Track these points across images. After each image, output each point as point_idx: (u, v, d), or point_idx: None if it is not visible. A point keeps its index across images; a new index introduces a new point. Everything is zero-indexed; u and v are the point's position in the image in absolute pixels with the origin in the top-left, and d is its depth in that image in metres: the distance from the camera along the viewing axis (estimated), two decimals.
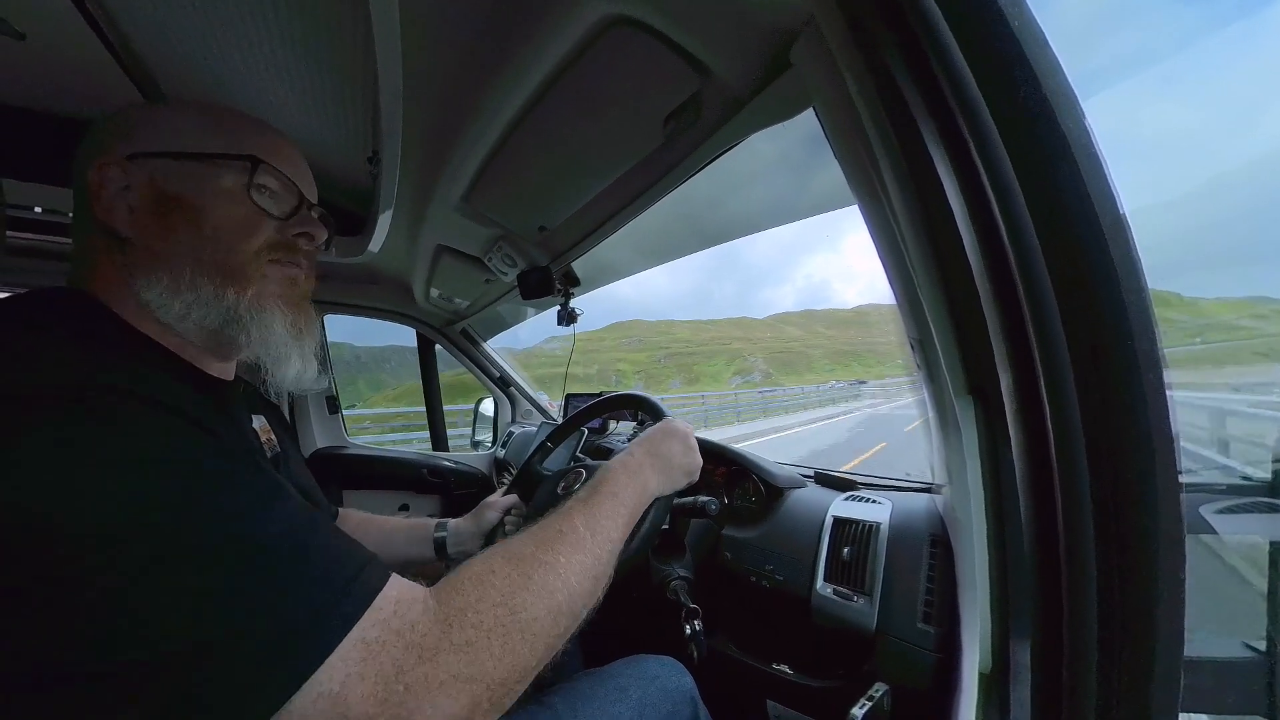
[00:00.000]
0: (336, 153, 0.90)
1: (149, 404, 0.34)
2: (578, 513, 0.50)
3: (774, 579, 0.88)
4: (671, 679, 0.69)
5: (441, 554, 0.86)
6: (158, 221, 0.46)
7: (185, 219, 0.46)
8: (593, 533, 0.48)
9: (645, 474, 0.60)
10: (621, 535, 0.52)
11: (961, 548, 0.62)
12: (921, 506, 0.82)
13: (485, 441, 2.06)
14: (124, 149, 0.45)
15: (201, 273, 0.46)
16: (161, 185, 0.46)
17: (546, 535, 0.46)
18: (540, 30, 0.61)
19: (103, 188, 0.44)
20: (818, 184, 0.93)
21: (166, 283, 0.45)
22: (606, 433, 1.61)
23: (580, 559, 0.45)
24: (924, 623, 0.68)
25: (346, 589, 0.33)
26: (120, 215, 0.45)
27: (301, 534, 0.35)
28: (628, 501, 0.55)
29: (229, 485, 0.34)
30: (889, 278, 0.56)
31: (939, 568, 0.70)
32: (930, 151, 0.42)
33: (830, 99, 0.52)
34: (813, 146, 0.76)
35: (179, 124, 0.48)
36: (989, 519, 0.52)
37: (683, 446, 0.66)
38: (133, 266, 0.45)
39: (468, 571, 0.40)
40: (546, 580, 0.41)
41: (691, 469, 0.66)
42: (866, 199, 0.54)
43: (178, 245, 0.46)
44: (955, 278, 0.47)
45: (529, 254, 1.26)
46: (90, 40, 0.61)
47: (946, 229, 0.44)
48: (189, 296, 0.46)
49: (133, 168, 0.45)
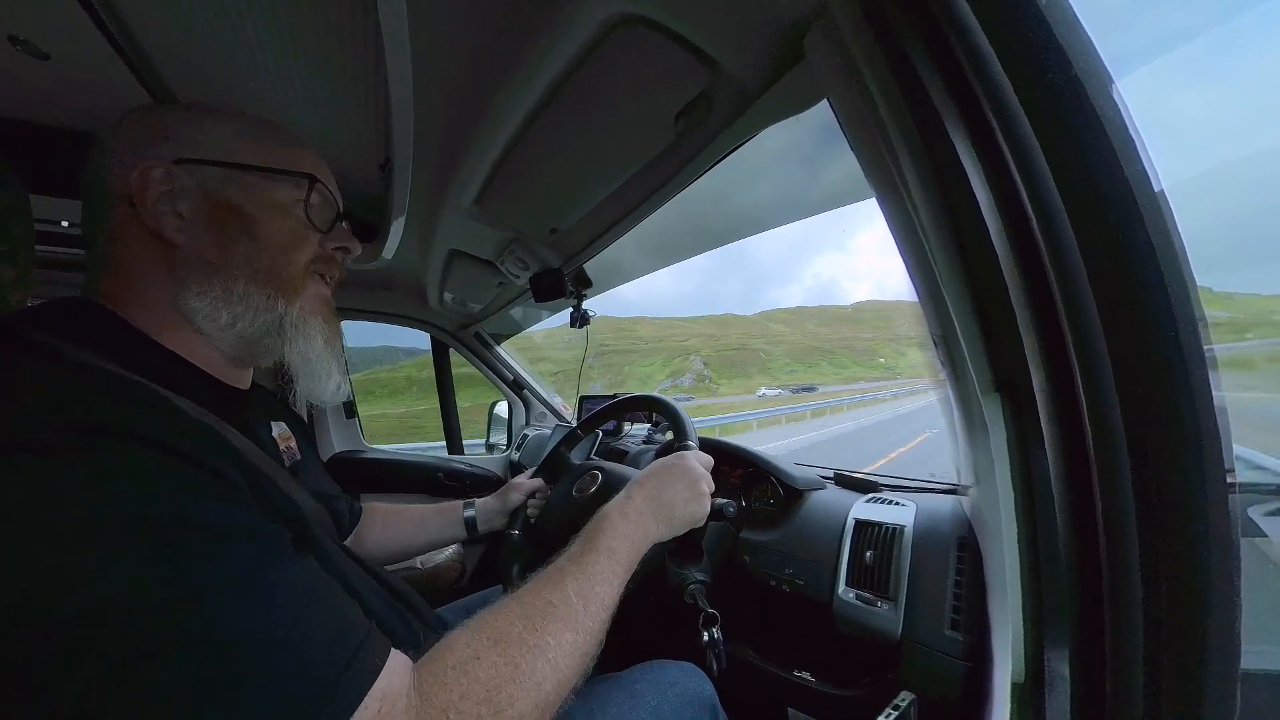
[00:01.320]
0: (350, 160, 0.92)
1: (142, 443, 0.31)
2: (570, 577, 0.46)
3: (794, 583, 0.86)
4: (691, 685, 0.68)
5: (472, 531, 0.91)
6: (213, 230, 0.46)
7: (242, 229, 0.46)
8: (585, 602, 0.45)
9: (645, 524, 0.56)
10: (615, 598, 0.48)
11: (991, 551, 0.59)
12: (947, 509, 0.79)
13: (500, 444, 2.07)
14: (167, 153, 0.45)
15: (255, 282, 0.47)
16: (215, 193, 0.46)
17: (536, 609, 0.42)
18: (548, 31, 0.60)
19: (148, 189, 0.43)
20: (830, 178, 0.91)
21: (219, 292, 0.46)
22: (621, 435, 1.61)
23: (571, 638, 0.42)
24: (952, 629, 0.65)
25: (334, 688, 0.31)
26: (169, 221, 0.44)
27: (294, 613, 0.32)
28: (624, 559, 0.51)
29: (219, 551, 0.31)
30: (909, 271, 0.54)
31: (967, 572, 0.67)
32: (952, 139, 0.41)
33: (845, 90, 0.50)
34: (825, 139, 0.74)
35: (226, 132, 0.48)
36: (1020, 521, 0.50)
37: (688, 493, 0.61)
38: (182, 274, 0.45)
39: (452, 655, 0.37)
40: (535, 668, 0.38)
41: (696, 518, 0.62)
42: (884, 191, 0.52)
43: (234, 255, 0.46)
44: (981, 270, 0.45)
45: (541, 256, 1.26)
46: (109, 56, 0.63)
47: (971, 219, 0.42)
48: (239, 306, 0.46)
49: (180, 173, 0.45)
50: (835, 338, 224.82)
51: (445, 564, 1.44)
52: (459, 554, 1.51)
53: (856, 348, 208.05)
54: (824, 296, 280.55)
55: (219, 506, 0.33)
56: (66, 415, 0.30)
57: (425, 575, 1.38)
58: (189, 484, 0.32)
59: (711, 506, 0.66)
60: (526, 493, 0.93)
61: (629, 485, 0.62)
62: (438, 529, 0.91)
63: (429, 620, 0.65)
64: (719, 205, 1.02)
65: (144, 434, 0.31)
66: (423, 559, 1.39)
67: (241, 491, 0.37)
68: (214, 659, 0.28)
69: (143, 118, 0.47)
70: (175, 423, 0.36)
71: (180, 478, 0.32)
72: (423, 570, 1.38)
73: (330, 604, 0.36)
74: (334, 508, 0.68)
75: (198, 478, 0.33)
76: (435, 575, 1.40)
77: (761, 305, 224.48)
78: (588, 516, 0.56)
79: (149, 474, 0.31)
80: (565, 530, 0.79)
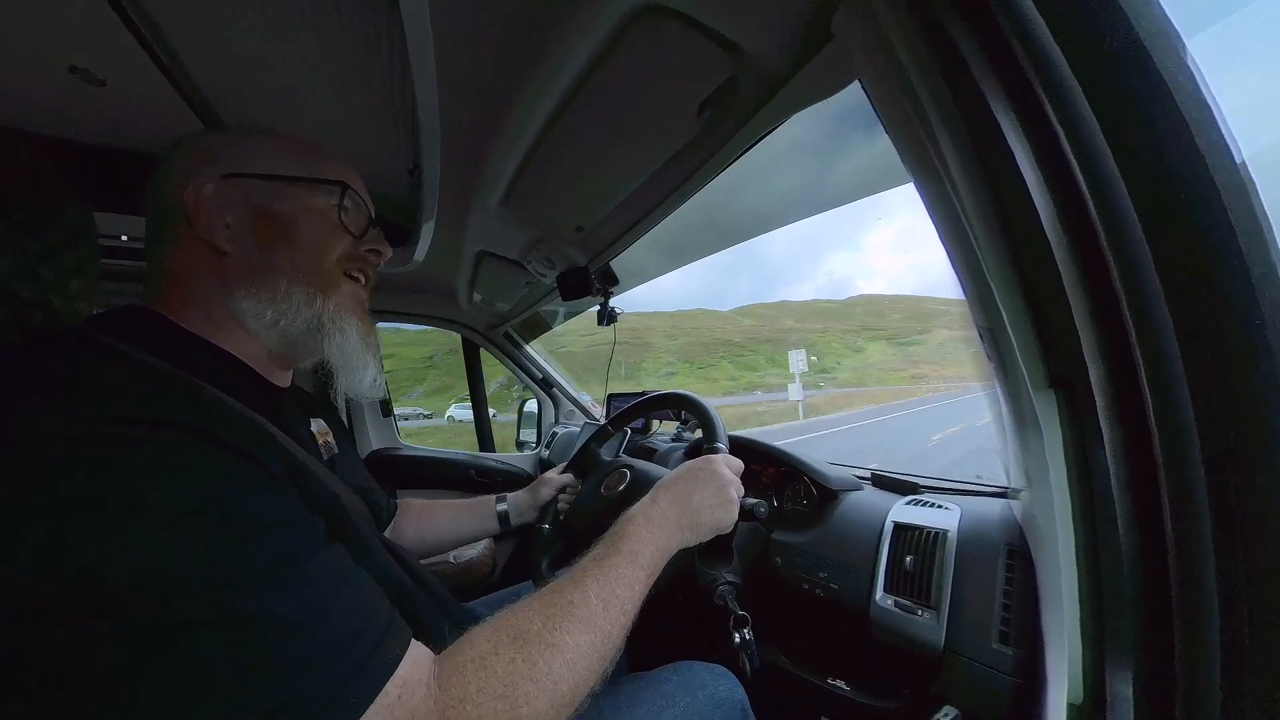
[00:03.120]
0: (380, 168, 0.94)
1: (194, 435, 0.33)
2: (592, 579, 0.46)
3: (828, 587, 0.83)
4: (721, 688, 0.67)
5: (505, 524, 0.94)
6: (256, 237, 0.49)
7: (282, 234, 0.50)
8: (605, 605, 0.45)
9: (670, 530, 0.56)
10: (637, 603, 0.48)
11: (1044, 560, 0.55)
12: (995, 513, 0.75)
13: (530, 442, 2.10)
14: (215, 170, 0.49)
15: (296, 282, 0.51)
16: (259, 204, 0.50)
17: (556, 607, 0.43)
18: (568, 29, 0.60)
19: (200, 204, 0.47)
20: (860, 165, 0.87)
21: (264, 293, 0.49)
22: (649, 433, 1.60)
23: (589, 639, 0.42)
24: (1000, 643, 0.61)
25: (359, 671, 0.32)
26: (220, 232, 0.48)
27: (324, 601, 0.33)
28: (647, 565, 0.51)
29: (260, 540, 0.33)
30: (951, 261, 0.51)
31: (1017, 582, 0.63)
32: (997, 116, 0.38)
33: (878, 70, 0.48)
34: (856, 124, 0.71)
35: (266, 149, 0.52)
36: (1077, 528, 0.47)
37: (716, 499, 0.60)
38: (232, 279, 0.49)
39: (472, 649, 0.38)
40: (552, 667, 0.39)
41: (722, 525, 0.60)
42: (923, 175, 0.49)
43: (275, 258, 0.50)
44: (1031, 257, 0.42)
45: (567, 255, 1.26)
46: (159, 82, 0.68)
47: (1019, 202, 0.39)
48: (283, 305, 0.50)
49: (227, 187, 0.49)
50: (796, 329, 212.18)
51: (477, 559, 1.47)
52: (490, 549, 1.54)
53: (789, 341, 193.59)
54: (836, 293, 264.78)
55: (261, 496, 0.35)
56: (128, 409, 0.32)
57: (457, 570, 1.41)
58: (234, 474, 0.35)
59: (741, 506, 0.64)
60: (557, 487, 0.95)
61: (655, 488, 0.61)
62: (472, 522, 0.94)
63: (454, 614, 0.66)
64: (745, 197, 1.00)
65: (196, 427, 0.34)
66: (455, 554, 1.43)
67: (282, 483, 0.39)
68: (247, 640, 0.30)
69: (194, 142, 0.51)
70: (224, 417, 0.38)
71: (227, 468, 0.34)
72: (455, 565, 1.41)
73: (358, 593, 0.37)
74: (371, 500, 0.70)
75: (243, 469, 0.35)
76: (467, 570, 1.43)
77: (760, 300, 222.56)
78: (615, 515, 0.56)
79: (199, 464, 0.33)
80: (593, 527, 0.80)
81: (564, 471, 0.98)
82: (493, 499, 0.96)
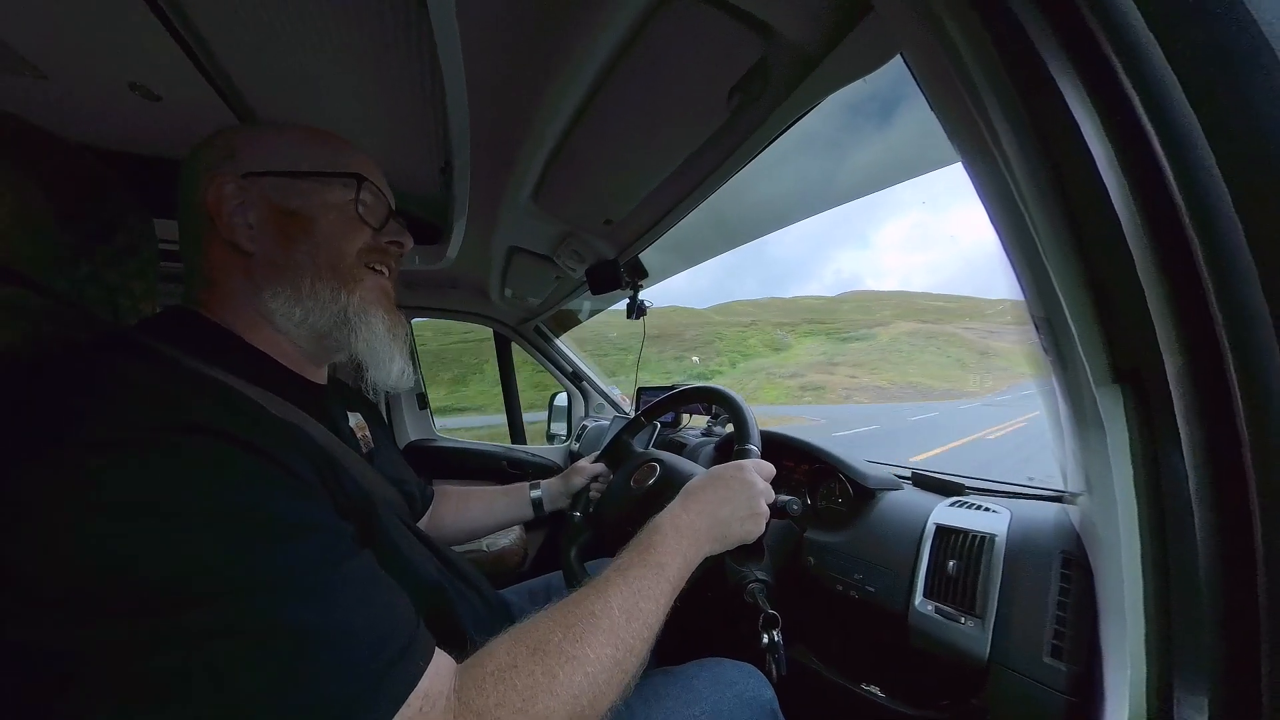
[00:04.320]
0: (413, 167, 0.96)
1: (228, 441, 0.34)
2: (615, 590, 0.45)
3: (864, 590, 0.80)
4: (750, 687, 0.66)
5: (539, 510, 0.96)
6: (277, 234, 0.49)
7: (301, 230, 0.50)
8: (629, 617, 0.43)
9: (698, 540, 0.54)
10: (661, 616, 0.47)
11: (1105, 570, 0.51)
12: (1049, 518, 0.70)
13: (560, 435, 2.13)
14: (234, 168, 0.49)
15: (319, 278, 0.51)
16: (278, 201, 0.49)
17: (577, 618, 0.42)
18: (594, 19, 0.59)
19: (221, 204, 0.48)
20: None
21: (289, 291, 0.50)
22: (680, 427, 1.58)
23: (611, 653, 0.41)
24: (1052, 657, 0.57)
25: (382, 682, 0.32)
26: (242, 231, 0.48)
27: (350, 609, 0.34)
28: (672, 576, 0.50)
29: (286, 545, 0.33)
30: (1003, 244, 0.47)
31: (1074, 593, 0.58)
32: (1058, 83, 0.34)
33: (922, 41, 0.44)
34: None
35: (281, 144, 0.51)
36: (1144, 537, 0.42)
37: (745, 510, 0.58)
38: (258, 279, 0.49)
39: (492, 662, 0.38)
40: (572, 680, 0.38)
41: (750, 536, 0.59)
42: (973, 155, 0.46)
43: (297, 255, 0.50)
44: (1097, 237, 0.38)
45: (596, 248, 1.26)
46: (209, 94, 0.71)
47: (1083, 178, 0.35)
48: (309, 303, 0.50)
49: (248, 185, 0.49)
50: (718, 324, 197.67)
51: (509, 548, 1.50)
52: (522, 539, 1.57)
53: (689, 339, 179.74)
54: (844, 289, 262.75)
55: (292, 503, 0.36)
56: (165, 415, 0.33)
57: (490, 558, 1.45)
58: (266, 480, 0.35)
59: (774, 504, 0.62)
60: (589, 476, 0.96)
61: (682, 494, 0.60)
62: (507, 508, 0.96)
63: (490, 598, 0.67)
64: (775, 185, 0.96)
65: (231, 433, 0.34)
66: (488, 542, 1.46)
67: (314, 488, 0.39)
68: (270, 647, 0.30)
69: (214, 141, 0.51)
70: (259, 422, 0.39)
71: (259, 473, 0.35)
72: (488, 554, 1.45)
73: (384, 601, 0.37)
74: (406, 491, 0.72)
75: (275, 474, 0.36)
76: (500, 559, 1.46)
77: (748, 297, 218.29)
78: (643, 508, 0.55)
79: (232, 469, 0.34)
80: (621, 519, 0.79)
81: (596, 461, 0.99)
82: (527, 485, 0.98)
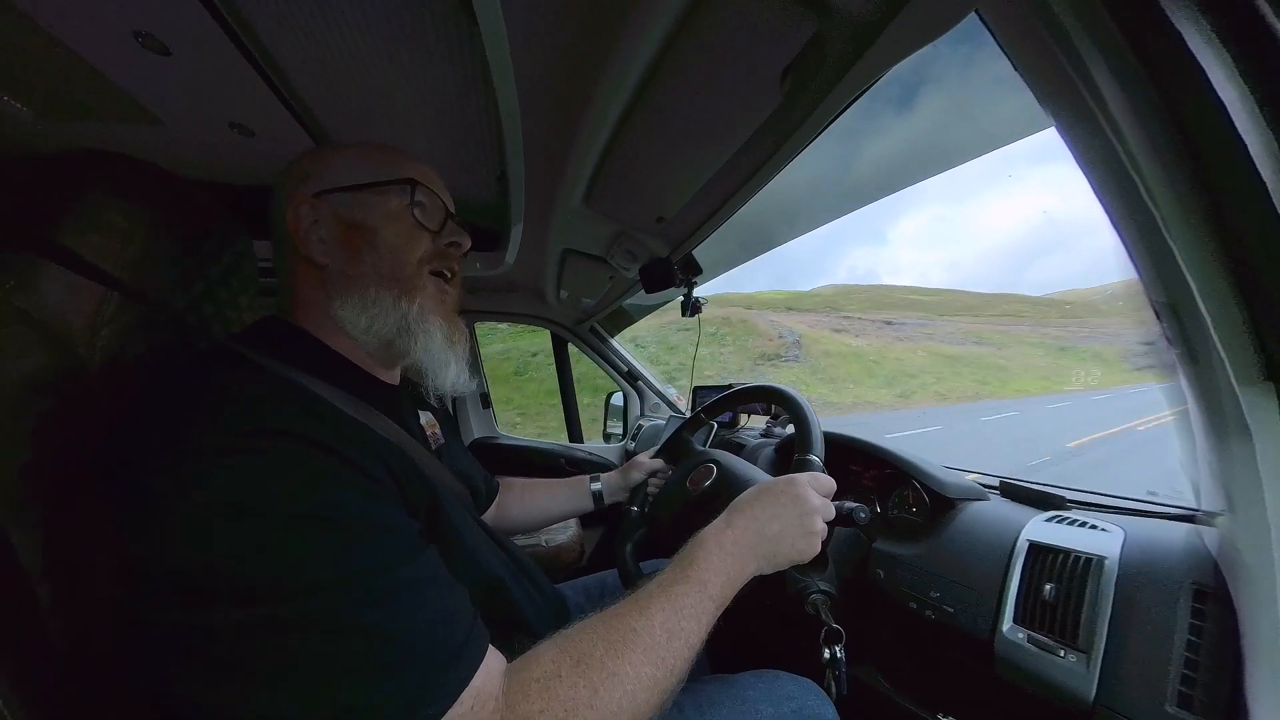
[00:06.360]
0: (472, 177, 1.01)
1: (309, 445, 0.37)
2: (658, 607, 0.44)
3: (941, 609, 0.72)
4: (810, 704, 0.62)
5: (599, 502, 0.99)
6: (345, 247, 0.54)
7: (366, 242, 0.54)
8: (670, 636, 0.43)
9: (743, 559, 0.52)
10: (703, 635, 0.46)
11: (1253, 606, 0.42)
12: (1177, 541, 0.59)
13: (616, 434, 2.15)
14: (307, 189, 0.54)
15: (382, 287, 0.54)
16: (344, 215, 0.54)
17: (619, 633, 0.42)
18: (638, 13, 0.58)
19: (298, 224, 0.53)
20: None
21: (357, 300, 0.54)
22: (736, 427, 1.54)
23: (650, 671, 0.41)
24: (1180, 706, 0.48)
25: (440, 677, 0.34)
26: (316, 247, 0.53)
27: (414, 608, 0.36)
28: (716, 595, 0.48)
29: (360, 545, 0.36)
30: (1111, 219, 0.40)
31: (1210, 633, 0.49)
32: (1174, 24, 0.28)
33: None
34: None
35: (345, 162, 0.56)
36: None
37: (798, 529, 0.54)
38: (330, 289, 0.54)
39: (538, 668, 0.39)
40: (612, 696, 0.38)
41: (802, 557, 0.55)
42: (1070, 119, 0.39)
43: (363, 266, 0.54)
44: (1235, 208, 0.31)
45: (649, 247, 1.25)
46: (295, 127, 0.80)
47: (1215, 135, 0.29)
48: (373, 310, 0.54)
49: (319, 204, 0.54)
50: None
51: (567, 543, 1.53)
52: (579, 535, 1.60)
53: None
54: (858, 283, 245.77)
55: (365, 504, 0.39)
56: (255, 420, 0.37)
57: (548, 553, 1.49)
58: (342, 482, 0.38)
59: (839, 510, 0.58)
60: (648, 471, 0.97)
61: (730, 508, 0.57)
62: (569, 499, 1.00)
63: (546, 591, 0.69)
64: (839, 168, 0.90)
65: (310, 436, 0.38)
66: (547, 538, 1.50)
67: (385, 487, 0.42)
68: (341, 641, 0.32)
69: (292, 166, 0.57)
70: (337, 426, 0.43)
71: (335, 475, 0.38)
72: (546, 549, 1.49)
73: (445, 599, 0.39)
74: (472, 485, 0.76)
75: (350, 476, 0.39)
76: (557, 554, 1.50)
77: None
78: (698, 511, 0.53)
79: (312, 471, 0.37)
80: (675, 519, 0.78)
81: (654, 456, 0.99)
82: (587, 478, 1.00)
